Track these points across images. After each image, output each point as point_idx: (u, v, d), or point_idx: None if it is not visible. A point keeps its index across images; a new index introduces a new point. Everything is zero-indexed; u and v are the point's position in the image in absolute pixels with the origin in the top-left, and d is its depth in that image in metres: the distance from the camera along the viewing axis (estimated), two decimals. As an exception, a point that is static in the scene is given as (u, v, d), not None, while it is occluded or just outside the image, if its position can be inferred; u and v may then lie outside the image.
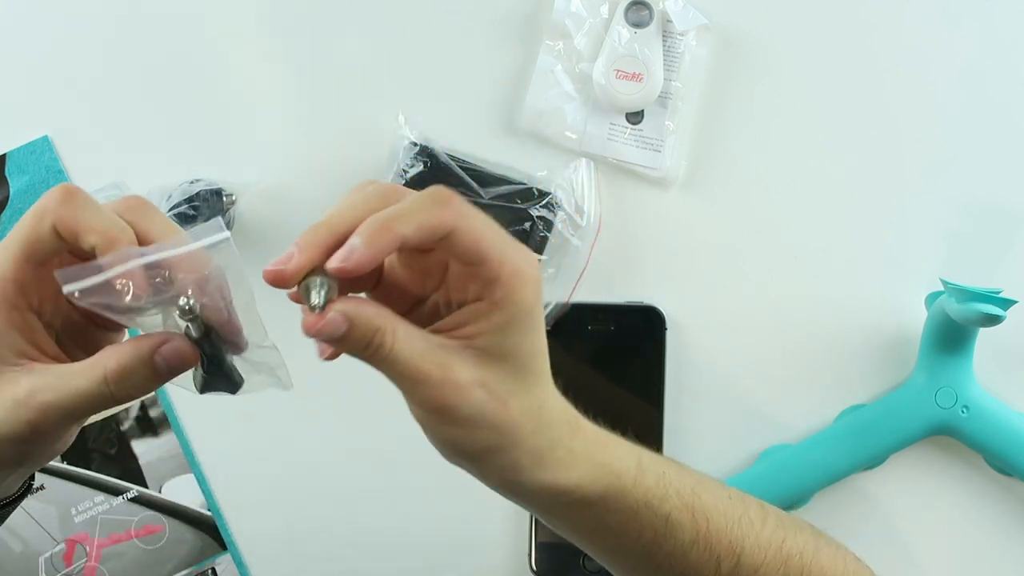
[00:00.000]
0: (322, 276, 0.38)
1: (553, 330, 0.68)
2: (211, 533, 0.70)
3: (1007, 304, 0.58)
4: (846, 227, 0.69)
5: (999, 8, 0.69)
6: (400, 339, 0.39)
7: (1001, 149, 0.69)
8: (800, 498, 0.67)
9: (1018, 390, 0.68)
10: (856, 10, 0.70)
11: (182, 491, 0.70)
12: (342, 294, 0.39)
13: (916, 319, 0.67)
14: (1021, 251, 0.69)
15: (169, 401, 0.70)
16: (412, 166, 0.68)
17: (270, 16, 0.71)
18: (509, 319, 0.39)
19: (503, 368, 0.40)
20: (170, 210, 0.66)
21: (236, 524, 0.70)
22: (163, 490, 0.70)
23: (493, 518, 0.70)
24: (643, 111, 0.69)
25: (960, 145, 0.69)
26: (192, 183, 0.68)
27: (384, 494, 0.70)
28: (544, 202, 0.68)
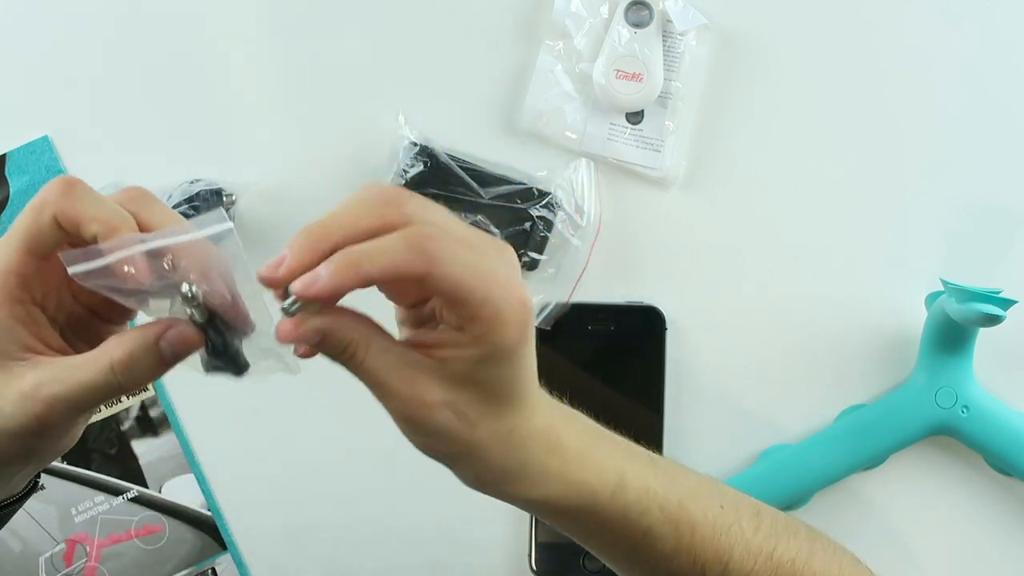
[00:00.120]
0: None
1: (553, 330, 0.68)
2: (211, 533, 0.70)
3: (1007, 304, 0.58)
4: (846, 227, 0.69)
5: (999, 8, 0.69)
6: (372, 353, 0.40)
7: (1001, 149, 0.69)
8: (800, 498, 0.67)
9: (1018, 390, 0.68)
10: (856, 10, 0.70)
11: (182, 491, 0.70)
12: None
13: (916, 319, 0.67)
14: (1021, 251, 0.69)
15: (169, 401, 0.70)
16: (412, 166, 0.68)
17: (270, 16, 0.71)
18: (485, 355, 0.39)
19: (473, 394, 0.41)
20: (170, 210, 0.66)
21: (236, 524, 0.70)
22: (163, 490, 0.70)
23: (493, 518, 0.70)
24: (643, 111, 0.69)
25: (960, 145, 0.69)
26: (192, 183, 0.68)
27: (384, 494, 0.70)
28: (544, 202, 0.68)
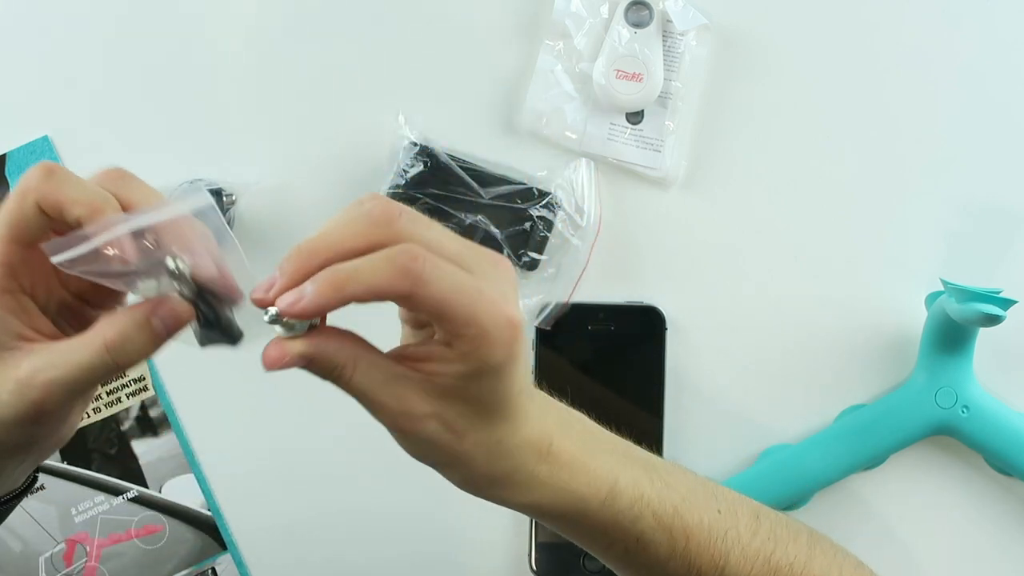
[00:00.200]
0: None
1: (553, 330, 0.68)
2: (211, 533, 0.70)
3: (1007, 304, 0.58)
4: (846, 227, 0.69)
5: (999, 8, 0.69)
6: (360, 371, 0.40)
7: (1001, 149, 0.69)
8: (800, 498, 0.67)
9: (1018, 390, 0.68)
10: (856, 10, 0.70)
11: (182, 491, 0.70)
12: None
13: (916, 319, 0.67)
14: (1021, 251, 0.69)
15: (169, 401, 0.70)
16: (412, 166, 0.68)
17: (270, 16, 0.71)
18: (471, 372, 0.40)
19: (461, 407, 0.41)
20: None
21: (236, 524, 0.70)
22: (163, 490, 0.70)
23: (493, 518, 0.70)
24: (643, 111, 0.69)
25: (960, 145, 0.69)
26: (192, 183, 0.68)
27: (385, 495, 0.70)
28: (544, 202, 0.68)
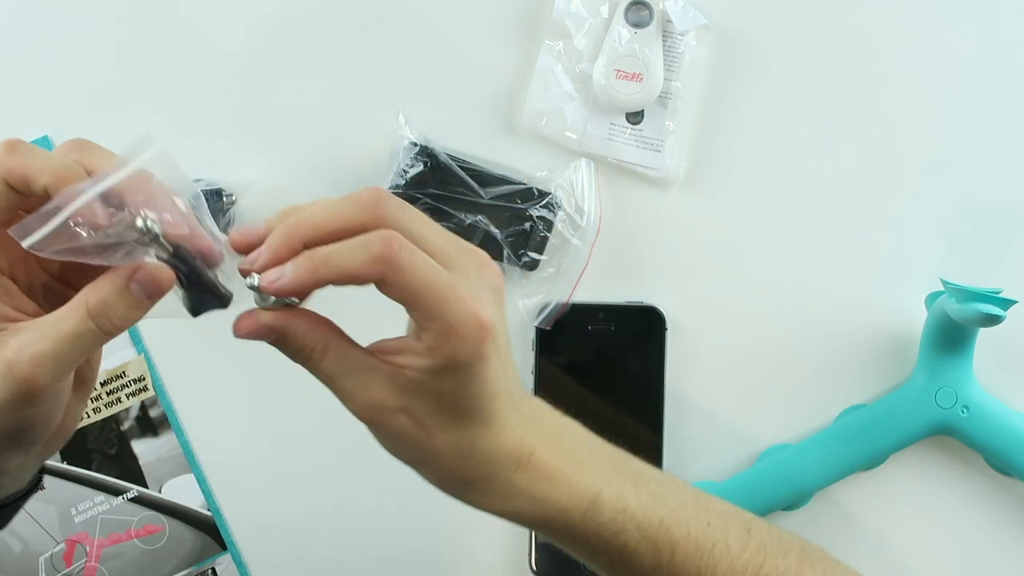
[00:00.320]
0: None
1: (553, 330, 0.68)
2: (211, 533, 0.70)
3: (1007, 304, 0.58)
4: (846, 227, 0.69)
5: (999, 8, 0.69)
6: (329, 357, 0.40)
7: (1001, 149, 0.69)
8: (800, 498, 0.67)
9: (1018, 390, 0.68)
10: (856, 10, 0.70)
11: (182, 491, 0.70)
12: None
13: (916, 319, 0.67)
14: (1021, 251, 0.69)
15: (169, 401, 0.70)
16: (412, 166, 0.68)
17: (270, 16, 0.71)
18: (438, 367, 0.39)
19: (431, 404, 0.41)
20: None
21: (236, 524, 0.70)
22: (163, 490, 0.70)
23: (493, 518, 0.69)
24: (643, 111, 0.69)
25: (960, 145, 0.69)
26: (192, 183, 0.68)
27: (385, 495, 0.70)
28: (544, 202, 0.68)
